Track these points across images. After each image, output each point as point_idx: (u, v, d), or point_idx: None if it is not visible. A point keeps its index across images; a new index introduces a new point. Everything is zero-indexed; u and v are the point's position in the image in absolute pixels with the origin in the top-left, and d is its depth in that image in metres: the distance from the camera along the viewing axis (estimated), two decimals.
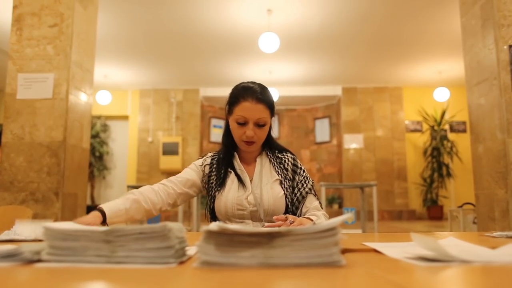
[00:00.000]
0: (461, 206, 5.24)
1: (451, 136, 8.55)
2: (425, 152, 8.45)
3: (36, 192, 3.00)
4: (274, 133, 1.63)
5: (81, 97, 3.34)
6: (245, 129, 1.43)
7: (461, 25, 3.35)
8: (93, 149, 8.43)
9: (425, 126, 8.68)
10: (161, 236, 0.62)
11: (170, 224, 0.63)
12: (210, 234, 0.61)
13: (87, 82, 3.44)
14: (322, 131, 9.66)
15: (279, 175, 1.49)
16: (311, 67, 7.67)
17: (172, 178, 1.50)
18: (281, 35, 5.64)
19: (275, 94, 7.84)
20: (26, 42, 3.12)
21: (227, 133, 1.53)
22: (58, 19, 3.15)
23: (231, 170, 1.50)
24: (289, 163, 1.53)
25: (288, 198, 1.46)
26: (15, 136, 3.04)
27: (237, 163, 1.52)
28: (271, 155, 1.55)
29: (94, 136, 8.47)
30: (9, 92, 3.07)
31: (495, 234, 1.15)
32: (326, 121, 9.60)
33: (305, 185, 1.50)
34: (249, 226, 1.40)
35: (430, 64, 7.46)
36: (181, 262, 0.64)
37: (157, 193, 1.41)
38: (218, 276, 0.56)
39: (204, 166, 1.54)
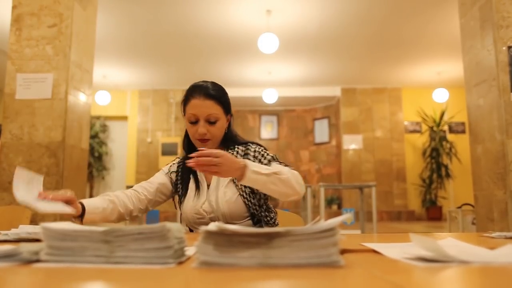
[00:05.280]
0: (460, 207, 5.25)
1: (450, 137, 8.56)
2: (424, 153, 8.46)
3: None
4: (238, 130, 1.54)
5: (80, 98, 3.33)
6: (197, 127, 1.38)
7: (460, 26, 3.35)
8: (92, 150, 8.43)
9: (424, 127, 8.69)
10: (160, 236, 0.62)
11: (169, 224, 0.63)
12: (209, 234, 0.61)
13: (86, 82, 3.43)
14: (321, 131, 9.67)
15: None
16: (310, 67, 7.67)
17: (143, 183, 1.48)
18: (281, 36, 5.64)
19: (274, 95, 7.84)
20: (25, 42, 3.12)
21: (187, 137, 1.48)
22: (57, 19, 3.15)
23: (192, 177, 1.46)
24: (251, 156, 1.41)
25: (246, 198, 1.38)
26: (14, 136, 3.04)
27: None
28: (232, 153, 1.42)
29: (93, 136, 8.46)
30: (8, 92, 3.07)
31: (494, 234, 1.14)
32: (325, 122, 9.61)
33: (262, 162, 1.38)
34: None
35: (429, 65, 7.47)
36: (180, 262, 0.64)
37: (130, 198, 1.41)
38: (217, 276, 0.56)
39: (171, 173, 1.51)
